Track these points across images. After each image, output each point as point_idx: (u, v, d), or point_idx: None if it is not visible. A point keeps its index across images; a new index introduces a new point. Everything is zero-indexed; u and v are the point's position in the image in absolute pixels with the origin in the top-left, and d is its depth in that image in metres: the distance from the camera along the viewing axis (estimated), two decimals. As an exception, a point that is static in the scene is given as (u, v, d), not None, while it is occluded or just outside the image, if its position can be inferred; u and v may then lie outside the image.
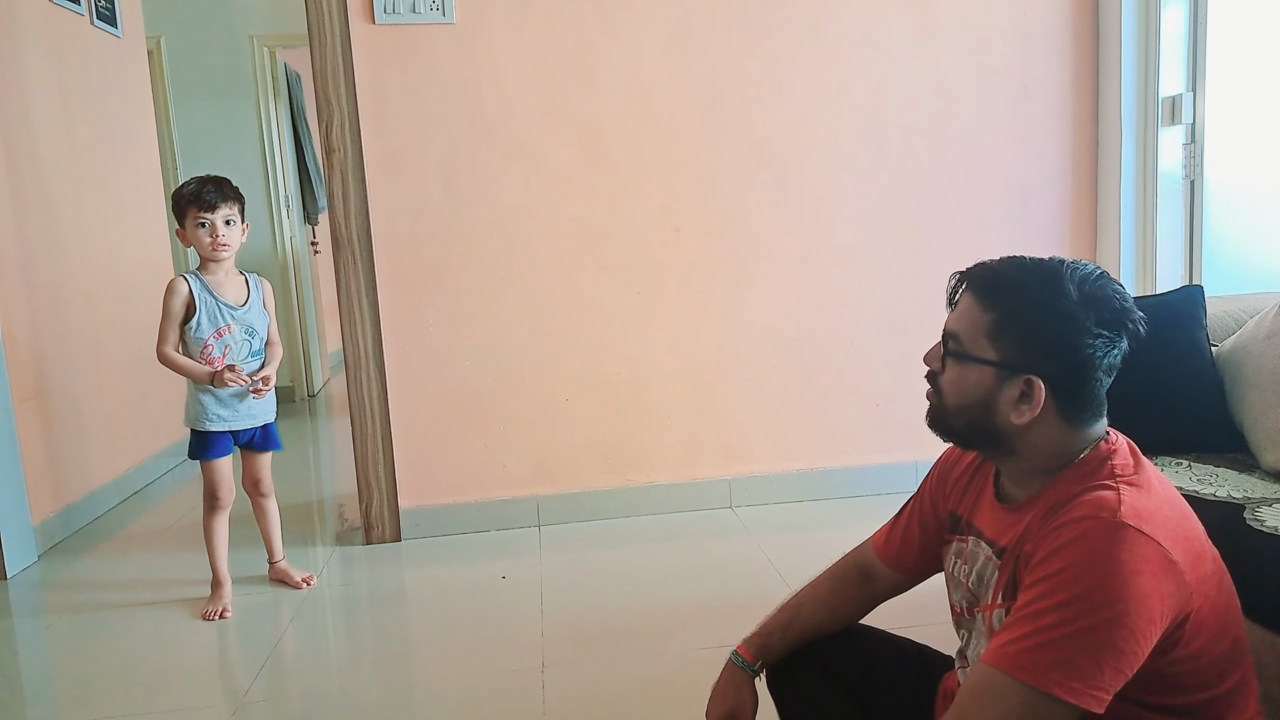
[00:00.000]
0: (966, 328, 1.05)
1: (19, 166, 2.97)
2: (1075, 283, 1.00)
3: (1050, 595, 0.91)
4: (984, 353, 1.03)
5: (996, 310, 1.02)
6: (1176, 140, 2.82)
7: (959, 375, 1.05)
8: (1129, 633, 0.88)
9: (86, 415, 3.28)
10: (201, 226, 2.27)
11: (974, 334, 1.04)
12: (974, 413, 1.04)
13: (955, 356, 1.06)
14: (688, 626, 2.17)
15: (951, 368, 1.06)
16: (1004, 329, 1.01)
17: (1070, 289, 0.99)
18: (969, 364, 1.04)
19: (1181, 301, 2.00)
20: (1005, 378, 1.02)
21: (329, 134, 2.65)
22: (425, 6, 2.64)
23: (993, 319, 1.02)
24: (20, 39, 3.03)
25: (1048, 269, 1.02)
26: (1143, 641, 0.89)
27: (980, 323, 1.03)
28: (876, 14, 2.84)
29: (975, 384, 1.04)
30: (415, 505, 2.85)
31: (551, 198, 2.79)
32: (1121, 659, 0.88)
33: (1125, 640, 0.88)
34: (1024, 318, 1.01)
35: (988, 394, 1.03)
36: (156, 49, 4.73)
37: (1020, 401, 1.01)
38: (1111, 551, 0.90)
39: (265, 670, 2.08)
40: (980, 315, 1.03)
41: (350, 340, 2.74)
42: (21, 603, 2.56)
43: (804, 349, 2.96)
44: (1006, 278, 1.04)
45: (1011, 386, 1.01)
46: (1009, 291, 1.02)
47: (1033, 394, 1.00)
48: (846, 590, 1.29)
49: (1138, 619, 0.88)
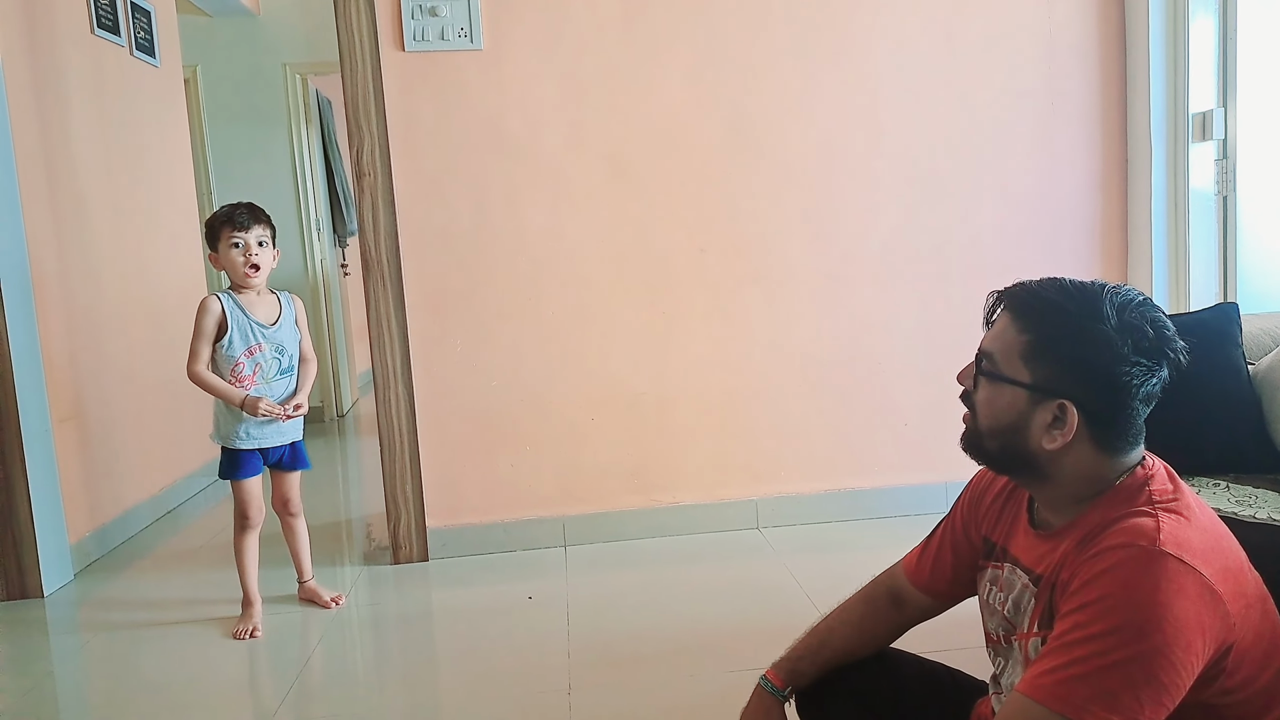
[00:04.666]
0: (1001, 348, 1.03)
1: (60, 193, 3.04)
2: (1115, 308, 0.97)
3: (1087, 625, 0.89)
4: (1017, 374, 1.01)
5: (1032, 332, 1.01)
6: (1208, 156, 2.79)
7: (991, 395, 1.04)
8: (1169, 664, 0.86)
9: (121, 436, 3.33)
10: (235, 247, 2.31)
11: (1008, 354, 1.02)
12: (1006, 435, 1.03)
13: (988, 376, 1.04)
14: (715, 649, 2.15)
15: (984, 387, 1.05)
16: (1039, 351, 1.00)
17: (1110, 314, 0.97)
18: (1002, 384, 1.03)
19: (1216, 319, 1.97)
20: (1038, 401, 1.00)
21: (360, 159, 2.69)
22: (454, 34, 2.68)
23: (1028, 341, 1.01)
24: (64, 70, 3.12)
25: (1088, 293, 1.00)
26: (1184, 673, 0.87)
27: (1015, 344, 1.02)
28: (902, 35, 2.85)
29: (1007, 406, 1.02)
30: (442, 525, 2.86)
31: (578, 220, 2.81)
32: (1162, 692, 0.86)
33: (1166, 672, 0.86)
34: (1060, 341, 0.99)
35: (1020, 417, 1.01)
36: (193, 78, 4.84)
37: (1053, 426, 0.99)
38: (1150, 581, 0.88)
39: (294, 690, 2.09)
40: (1016, 336, 1.02)
41: (379, 361, 2.77)
42: (58, 621, 2.60)
43: (831, 369, 2.94)
44: (1044, 299, 1.02)
45: (1044, 410, 1.00)
46: (1046, 314, 1.01)
47: (1065, 419, 0.99)
48: (877, 614, 1.27)
49: (1178, 650, 0.86)
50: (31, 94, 2.91)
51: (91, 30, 3.30)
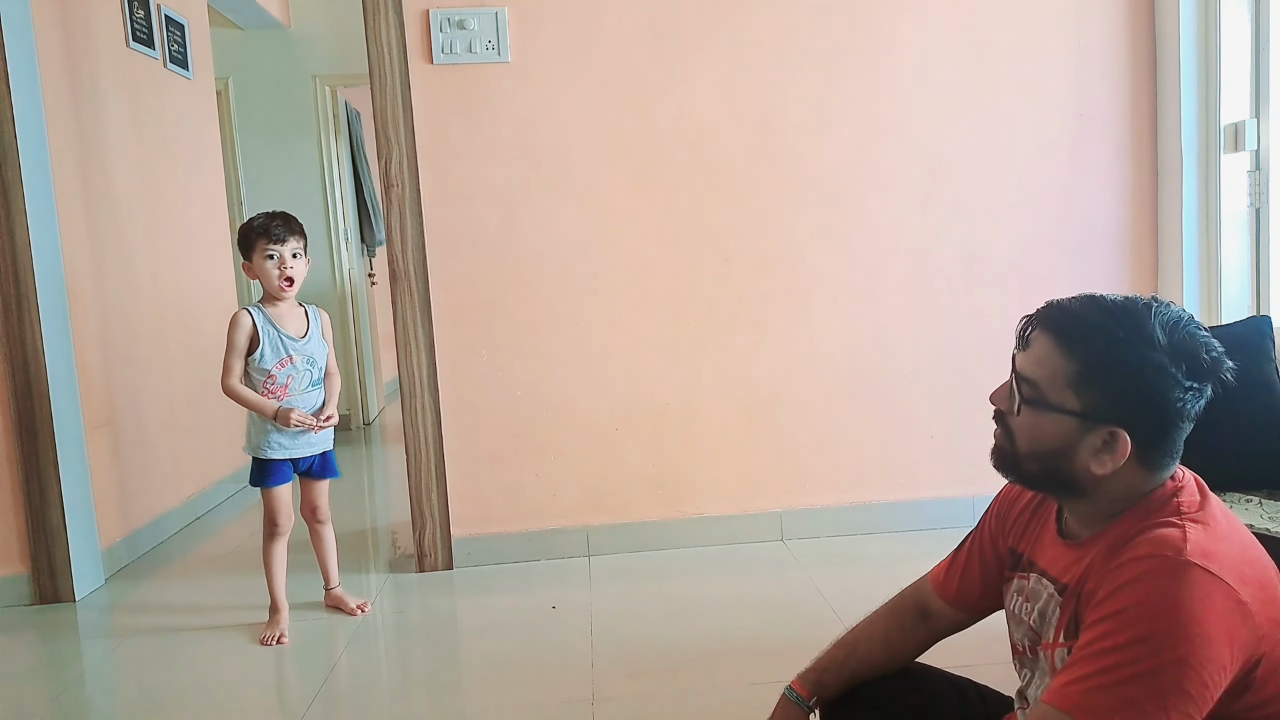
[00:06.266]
0: (1046, 375, 1.00)
1: (96, 203, 3.10)
2: (1165, 329, 0.95)
3: (1113, 635, 0.89)
4: (1066, 402, 0.98)
5: (1080, 359, 0.98)
6: (1240, 167, 2.75)
7: (1035, 422, 1.01)
8: (1195, 675, 0.85)
9: (153, 443, 3.38)
10: (270, 259, 2.33)
11: (1055, 382, 0.99)
12: (1050, 460, 1.01)
13: (1032, 404, 1.01)
14: (739, 660, 2.14)
15: (1027, 414, 1.02)
16: (1089, 379, 0.97)
17: (1159, 337, 0.95)
18: (1048, 413, 1.00)
19: (1249, 332, 1.95)
20: (1088, 428, 0.98)
21: (388, 170, 2.72)
22: (482, 47, 2.71)
23: (1077, 369, 0.98)
24: (100, 83, 3.18)
25: (1133, 314, 0.97)
26: (1210, 685, 0.86)
27: (1062, 371, 0.99)
28: (930, 46, 2.84)
29: (1054, 433, 1.00)
30: (467, 534, 2.87)
31: (604, 231, 2.82)
32: (1188, 702, 0.86)
33: (1191, 683, 0.86)
34: (1112, 370, 0.96)
35: (1067, 443, 0.99)
36: (224, 90, 4.92)
37: (1102, 451, 0.98)
38: (1176, 591, 0.87)
39: (320, 696, 2.11)
40: (1062, 363, 0.99)
41: (405, 370, 2.79)
42: (89, 625, 2.64)
43: (857, 381, 2.93)
44: (1089, 322, 0.98)
45: (1094, 436, 0.98)
46: (1095, 339, 0.97)
47: (1116, 445, 0.97)
48: (904, 627, 1.27)
49: (1204, 661, 0.86)
50: (68, 105, 2.97)
51: (127, 44, 3.37)
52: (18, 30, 2.67)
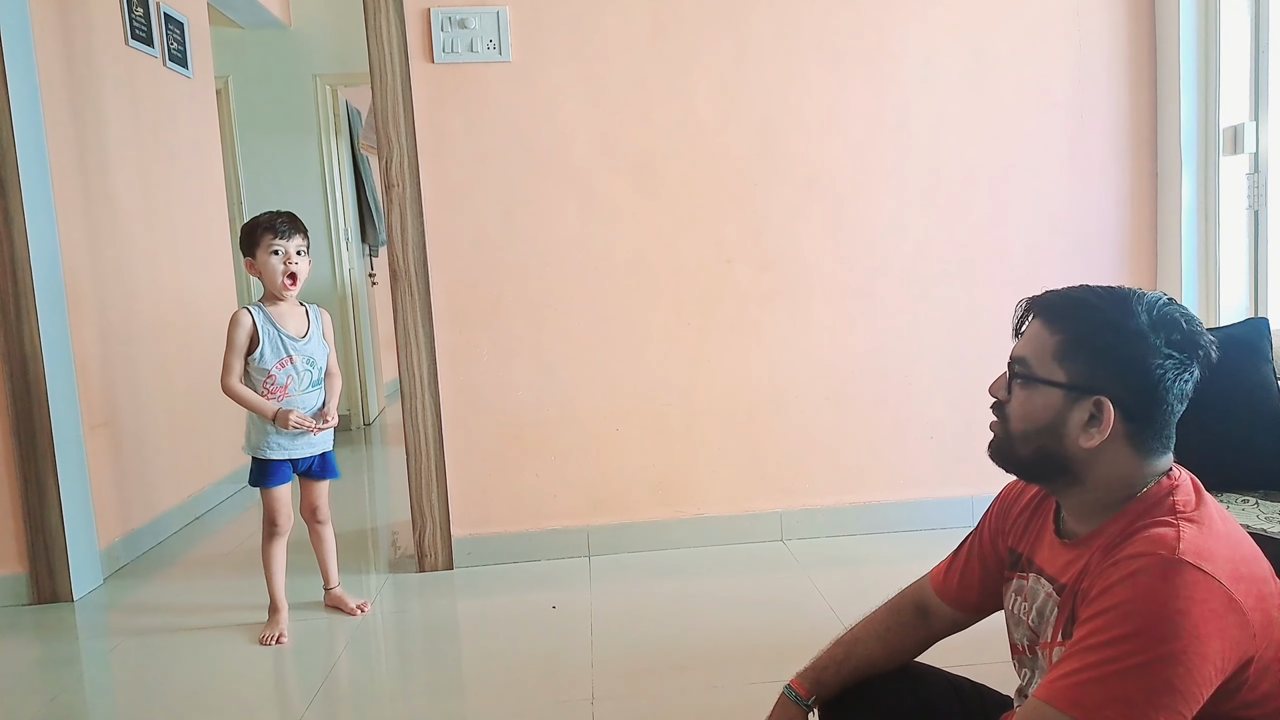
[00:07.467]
0: (1034, 351, 1.05)
1: (95, 202, 3.10)
2: (1145, 306, 1.00)
3: (1105, 630, 0.90)
4: (1052, 374, 1.02)
5: (1065, 332, 1.02)
6: (1239, 170, 2.76)
7: (1026, 399, 1.05)
8: (1185, 672, 0.86)
9: (152, 442, 3.38)
10: (275, 254, 2.33)
11: (1042, 356, 1.03)
12: (1041, 438, 1.03)
13: (1022, 380, 1.05)
14: (739, 660, 2.15)
15: (1018, 393, 1.06)
16: (1073, 349, 1.01)
17: (1139, 310, 0.99)
18: (1037, 387, 1.04)
19: (1247, 334, 1.95)
20: (1074, 399, 1.01)
21: (389, 169, 2.72)
22: (483, 46, 2.72)
23: (1061, 340, 1.02)
24: (99, 81, 3.18)
25: (1116, 293, 1.02)
26: (1201, 682, 0.87)
27: (1048, 345, 1.03)
28: (932, 47, 2.84)
29: (1043, 407, 1.03)
30: (467, 534, 2.87)
31: (605, 231, 2.82)
32: (1178, 699, 0.86)
33: (1182, 680, 0.86)
34: (1093, 338, 1.00)
35: (1056, 417, 1.02)
36: (224, 88, 4.92)
37: (1089, 424, 1.00)
38: (1168, 588, 0.88)
39: (319, 696, 2.11)
40: (1048, 338, 1.03)
41: (406, 370, 2.79)
42: (87, 625, 2.64)
43: (858, 381, 2.94)
44: (1075, 300, 1.04)
45: (1080, 409, 1.01)
46: (1077, 312, 1.02)
47: (1102, 416, 0.99)
48: (903, 627, 1.27)
49: (1195, 658, 0.86)
50: (67, 104, 2.97)
51: (126, 42, 3.36)
52: (15, 28, 2.66)
